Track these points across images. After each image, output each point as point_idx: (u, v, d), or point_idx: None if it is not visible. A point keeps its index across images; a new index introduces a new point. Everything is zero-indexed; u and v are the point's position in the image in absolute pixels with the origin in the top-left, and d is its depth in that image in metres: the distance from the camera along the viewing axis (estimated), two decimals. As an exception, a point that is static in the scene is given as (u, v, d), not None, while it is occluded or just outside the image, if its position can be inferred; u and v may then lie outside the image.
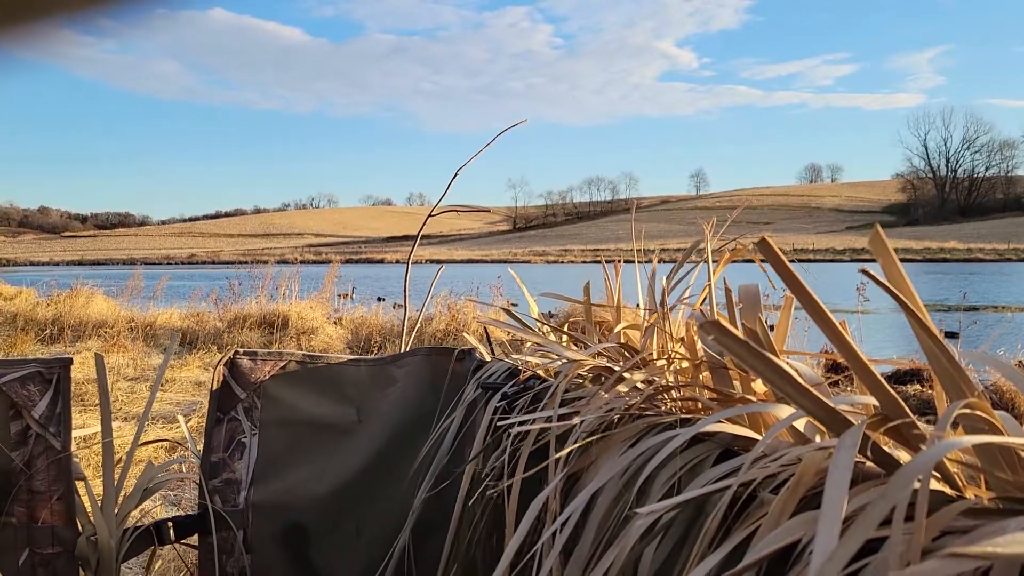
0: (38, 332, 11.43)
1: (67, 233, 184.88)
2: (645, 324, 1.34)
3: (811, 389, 0.67)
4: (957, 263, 62.31)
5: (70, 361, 1.75)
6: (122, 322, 11.85)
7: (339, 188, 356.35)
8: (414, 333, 3.80)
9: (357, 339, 11.70)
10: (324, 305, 13.27)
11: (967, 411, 0.61)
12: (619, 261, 1.61)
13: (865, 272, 0.70)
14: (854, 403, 0.77)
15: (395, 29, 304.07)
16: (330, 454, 1.95)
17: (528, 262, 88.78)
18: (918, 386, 8.24)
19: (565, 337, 1.64)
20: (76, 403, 6.60)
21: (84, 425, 5.63)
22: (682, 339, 1.19)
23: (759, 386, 1.05)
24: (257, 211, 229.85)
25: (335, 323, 12.54)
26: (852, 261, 70.87)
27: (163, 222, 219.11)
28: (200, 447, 1.93)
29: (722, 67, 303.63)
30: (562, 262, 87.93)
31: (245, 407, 1.91)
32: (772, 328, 1.08)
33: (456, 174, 2.58)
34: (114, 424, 6.17)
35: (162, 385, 8.09)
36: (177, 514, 2.03)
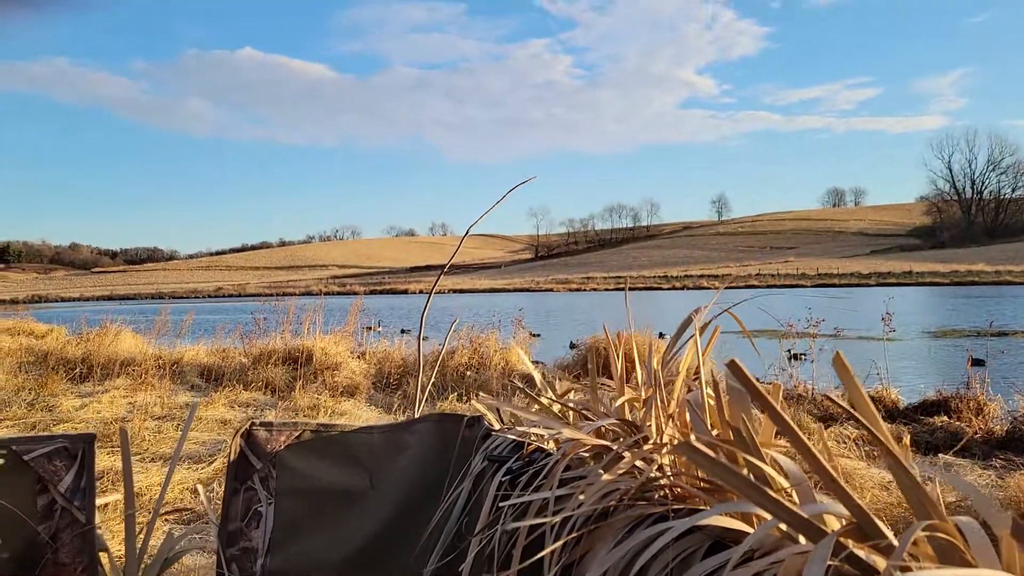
0: (68, 371, 11.57)
1: (97, 269, 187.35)
2: (643, 396, 1.37)
3: (783, 500, 0.69)
4: (986, 286, 61.50)
5: (94, 437, 1.81)
6: (149, 359, 11.98)
7: (363, 219, 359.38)
8: (435, 368, 3.83)
9: (381, 374, 11.74)
10: (348, 339, 13.34)
11: (928, 533, 0.64)
12: (620, 335, 1.62)
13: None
14: (830, 511, 0.79)
15: (418, 63, 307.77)
16: (344, 521, 1.99)
17: (551, 290, 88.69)
18: (945, 417, 8.13)
19: (572, 406, 1.67)
20: (104, 447, 6.68)
21: (111, 469, 5.70)
22: (672, 416, 1.22)
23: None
24: (283, 244, 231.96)
25: (359, 357, 12.60)
26: (878, 285, 70.12)
27: (191, 256, 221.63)
28: (218, 515, 1.97)
29: (743, 93, 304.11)
30: (585, 290, 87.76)
31: (261, 477, 1.95)
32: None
33: (467, 232, 2.64)
34: (141, 466, 6.22)
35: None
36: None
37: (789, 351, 10.83)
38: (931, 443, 7.36)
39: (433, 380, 10.66)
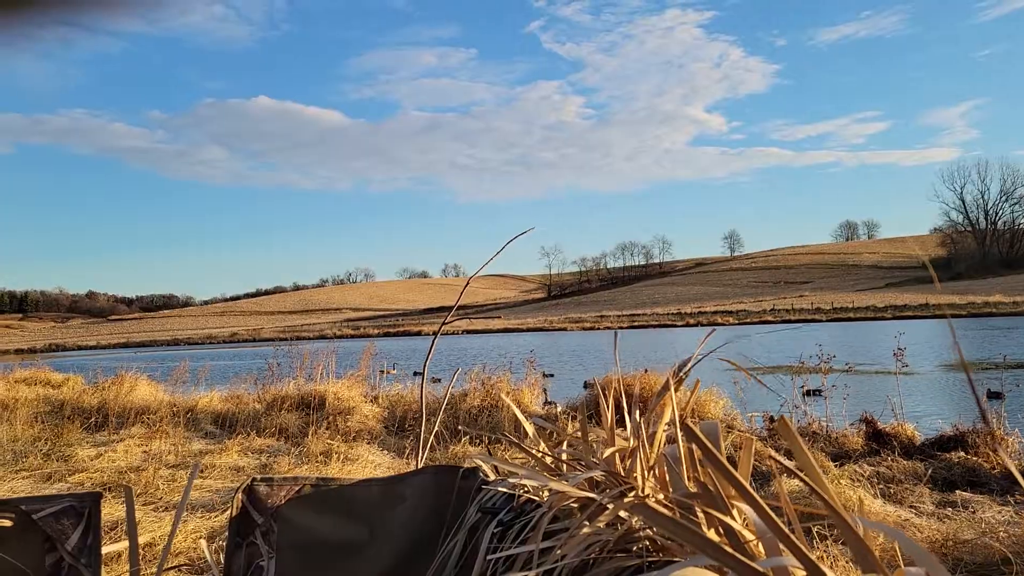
0: (84, 420, 11.64)
1: (114, 316, 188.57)
2: (630, 447, 1.40)
3: (737, 555, 0.72)
4: (1004, 317, 61.01)
5: (100, 496, 1.86)
6: (164, 407, 12.05)
7: (376, 262, 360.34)
8: (440, 413, 3.86)
9: (393, 417, 11.75)
10: (361, 383, 13.37)
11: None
12: (609, 386, 1.66)
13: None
14: (787, 564, 0.82)
15: (430, 107, 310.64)
16: (345, 574, 2.01)
17: (564, 329, 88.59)
18: (962, 453, 8.05)
19: (565, 455, 1.70)
20: (117, 498, 6.71)
21: (123, 520, 5.73)
22: (653, 469, 1.25)
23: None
24: (296, 288, 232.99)
25: (372, 401, 12.62)
26: (894, 319, 69.67)
27: (206, 302, 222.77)
28: (221, 569, 2.01)
29: (752, 130, 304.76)
30: (599, 328, 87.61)
31: (263, 531, 1.99)
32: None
33: (470, 280, 2.70)
34: (155, 515, 6.24)
35: (201, 472, 8.20)
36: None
37: (803, 387, 10.78)
38: (948, 479, 7.29)
39: (445, 423, 10.65)
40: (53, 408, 12.40)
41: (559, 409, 11.47)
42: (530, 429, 1.90)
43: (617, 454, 1.49)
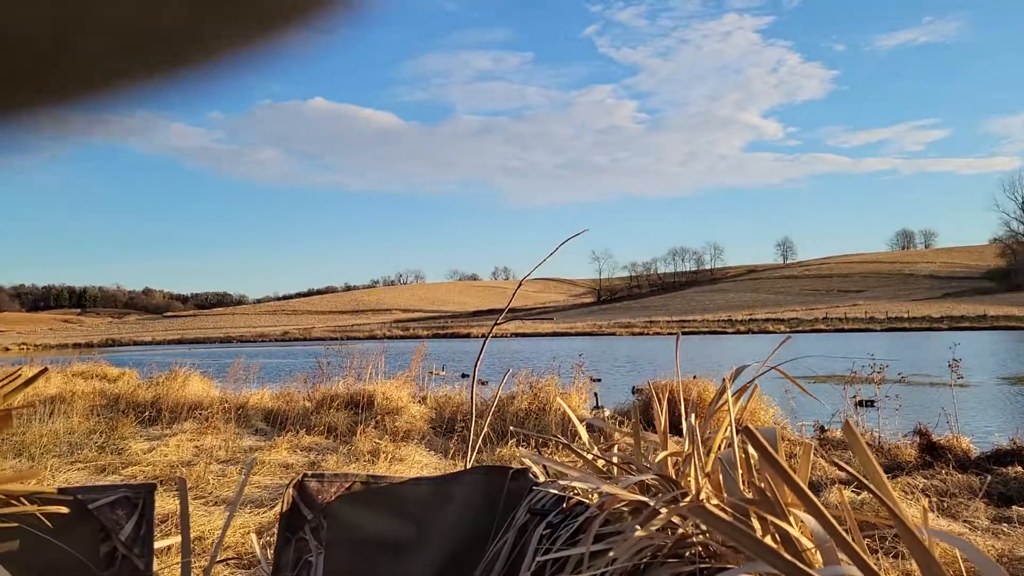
0: (138, 414, 11.89)
1: (169, 313, 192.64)
2: (685, 453, 1.38)
3: (796, 563, 0.70)
4: (1065, 329, 59.26)
5: (154, 487, 1.89)
6: (216, 404, 12.23)
7: (426, 264, 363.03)
8: (488, 416, 3.86)
9: (441, 418, 11.79)
10: (410, 383, 13.44)
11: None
12: (663, 390, 1.64)
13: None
14: (845, 574, 0.79)
15: (482, 110, 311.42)
16: (393, 572, 2.02)
17: (613, 334, 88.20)
18: (1019, 467, 7.82)
19: (616, 458, 1.68)
20: (169, 491, 6.83)
21: (175, 513, 5.83)
22: (709, 474, 1.23)
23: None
24: (348, 288, 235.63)
25: (420, 402, 12.68)
26: (951, 330, 68.02)
27: (258, 301, 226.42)
28: (271, 563, 2.03)
29: (809, 136, 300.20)
30: (648, 334, 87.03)
31: (312, 527, 2.00)
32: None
33: (521, 282, 2.69)
34: (205, 509, 6.34)
35: (251, 470, 8.30)
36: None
37: (855, 398, 10.56)
38: (1004, 494, 7.08)
39: (492, 425, 10.66)
40: (108, 402, 12.68)
41: (607, 413, 11.41)
42: (582, 431, 1.88)
43: (670, 459, 1.47)
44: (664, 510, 1.17)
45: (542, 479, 1.89)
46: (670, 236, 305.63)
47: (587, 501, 1.48)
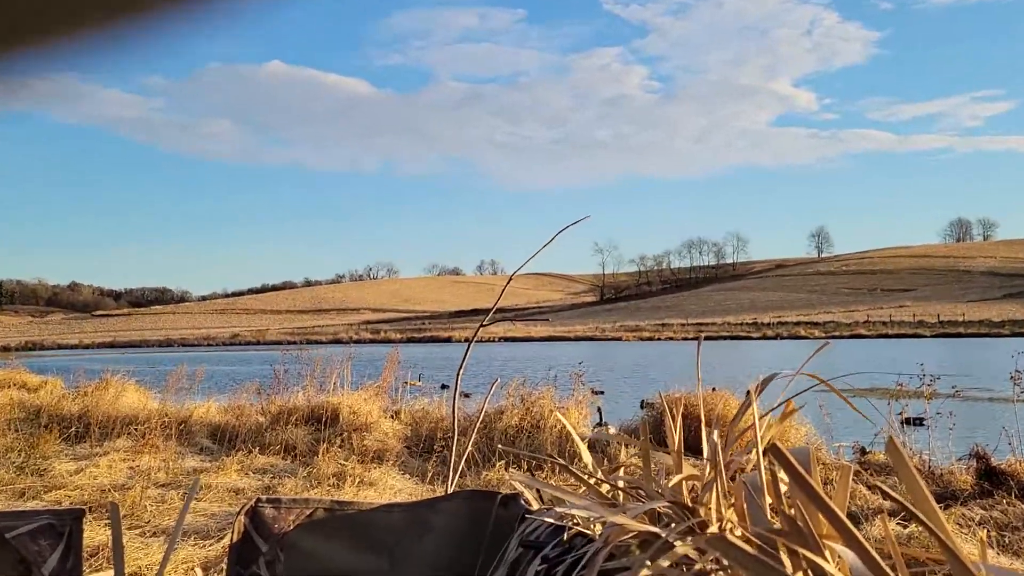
0: (63, 429, 11.85)
1: (99, 312, 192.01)
2: (706, 478, 1.39)
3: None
4: None
5: (83, 513, 1.88)
6: (154, 417, 12.21)
7: (401, 256, 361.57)
8: (472, 433, 3.87)
9: (416, 436, 11.81)
10: (381, 396, 13.46)
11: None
12: (677, 404, 1.65)
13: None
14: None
15: (469, 76, 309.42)
16: None
17: (619, 339, 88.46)
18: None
19: (623, 483, 1.69)
20: (99, 519, 6.82)
21: (106, 545, 5.82)
22: (734, 504, 1.23)
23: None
24: (308, 284, 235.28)
25: (392, 417, 12.69)
26: (1013, 336, 68.28)
27: (204, 298, 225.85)
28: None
29: (847, 108, 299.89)
30: (659, 339, 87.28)
31: (267, 560, 2.00)
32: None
33: (510, 280, 2.69)
34: (141, 541, 6.34)
35: (196, 494, 8.30)
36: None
37: (901, 414, 10.62)
38: (1074, 527, 7.14)
39: (477, 444, 10.68)
40: (28, 415, 12.64)
41: (612, 431, 11.44)
42: (583, 451, 1.89)
43: (685, 483, 1.48)
44: (679, 543, 1.17)
45: (536, 506, 1.89)
46: (685, 225, 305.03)
47: (589, 532, 1.48)
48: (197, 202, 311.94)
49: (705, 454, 1.52)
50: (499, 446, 9.41)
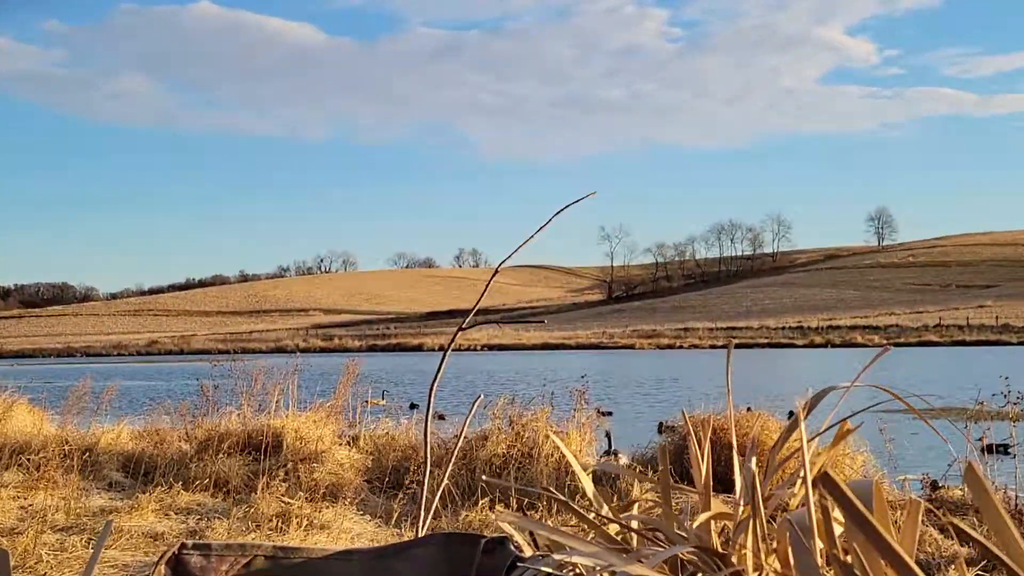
0: (-64, 460, 11.81)
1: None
2: (740, 516, 1.38)
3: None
4: None
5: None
6: (52, 445, 12.16)
7: (361, 245, 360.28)
8: (450, 464, 3.86)
9: (379, 467, 11.81)
10: (335, 418, 13.43)
11: None
12: (704, 427, 1.65)
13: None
14: None
15: (445, 22, 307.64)
16: None
17: (631, 347, 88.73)
18: None
19: (638, 523, 1.68)
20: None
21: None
22: (775, 548, 1.23)
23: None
24: (244, 278, 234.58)
25: (349, 444, 12.69)
26: (1123, 346, 68.51)
27: (114, 296, 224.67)
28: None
29: (915, 62, 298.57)
30: (681, 346, 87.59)
31: None
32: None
33: (496, 272, 2.69)
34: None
35: (105, 540, 8.26)
36: None
37: (982, 440, 10.65)
38: None
39: (455, 476, 10.67)
40: None
41: (624, 461, 11.46)
42: (587, 484, 1.88)
43: (715, 523, 1.47)
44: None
45: (529, 552, 1.88)
46: (714, 205, 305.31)
47: (596, 585, 1.47)
48: (107, 178, 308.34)
49: (738, 488, 1.52)
50: (483, 478, 9.41)
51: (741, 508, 1.39)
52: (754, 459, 1.42)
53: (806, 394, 1.68)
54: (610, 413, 21.89)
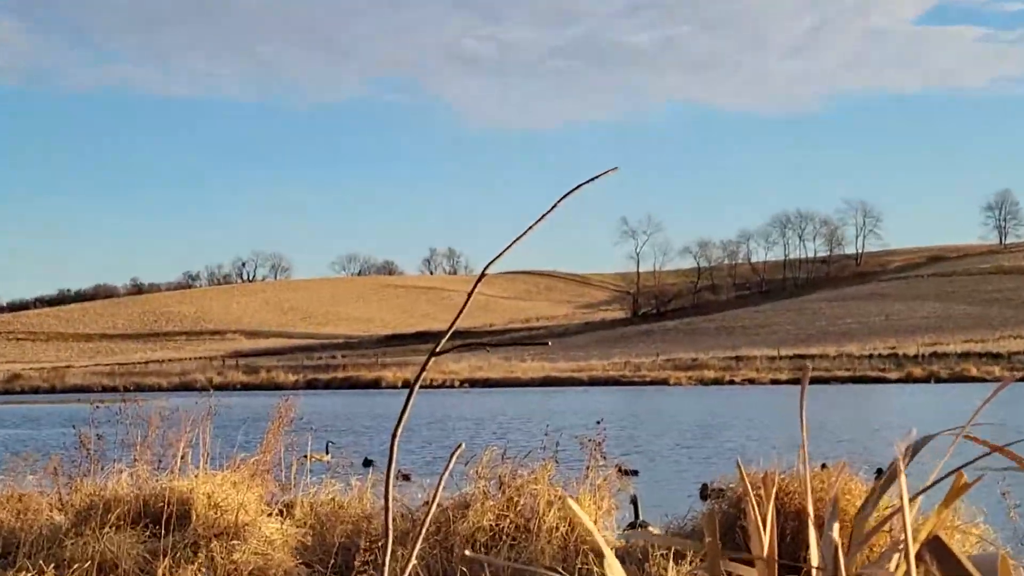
0: None
1: None
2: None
3: None
4: None
5: None
6: None
7: (296, 245, 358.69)
8: (418, 539, 3.83)
9: (322, 545, 11.82)
10: (262, 479, 13.43)
11: None
12: (765, 487, 1.67)
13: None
14: None
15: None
16: None
17: (664, 382, 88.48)
18: None
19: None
20: None
21: None
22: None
23: None
24: (138, 290, 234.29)
25: (281, 514, 12.69)
26: None
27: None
28: None
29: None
30: (732, 381, 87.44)
31: None
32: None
33: (481, 278, 2.69)
34: None
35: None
36: None
37: None
38: None
39: (427, 559, 10.66)
40: None
41: (655, 532, 11.47)
42: (612, 562, 1.87)
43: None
44: None
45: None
46: (774, 190, 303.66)
47: None
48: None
49: (814, 564, 1.52)
50: (463, 559, 9.42)
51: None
52: (836, 526, 1.42)
53: (908, 437, 1.68)
54: (635, 472, 21.91)
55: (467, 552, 9.77)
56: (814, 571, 1.47)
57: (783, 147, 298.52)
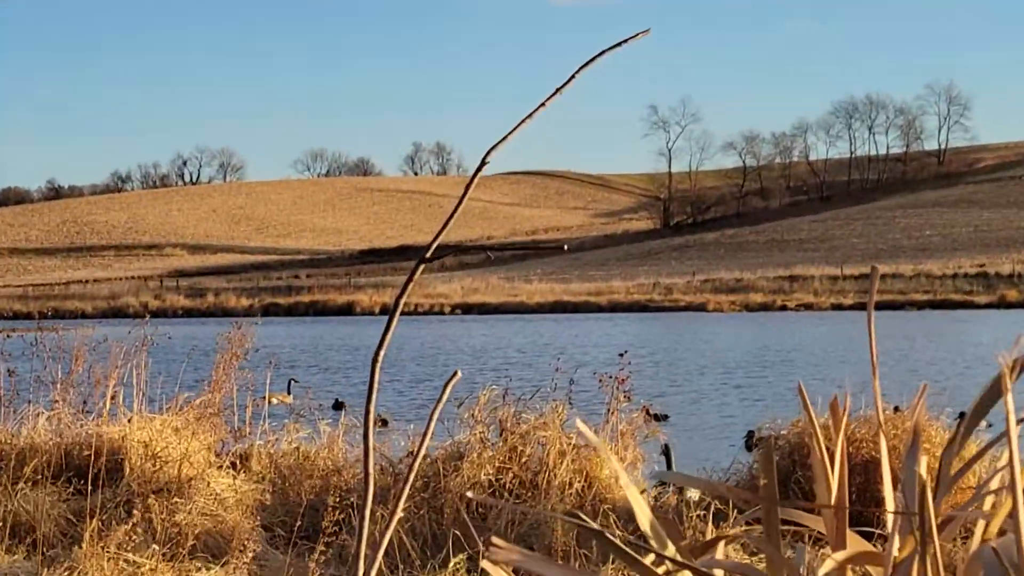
0: None
1: None
2: (895, 553, 1.39)
3: None
4: None
5: None
6: None
7: (249, 140, 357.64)
8: (403, 494, 3.84)
9: (285, 504, 11.86)
10: (211, 424, 13.47)
11: None
12: (832, 432, 1.66)
13: None
14: None
15: None
16: None
17: (702, 308, 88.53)
18: None
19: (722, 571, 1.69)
20: None
21: None
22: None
23: None
24: (56, 194, 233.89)
25: (234, 467, 12.73)
26: None
27: None
28: None
29: None
30: (784, 307, 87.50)
31: None
32: None
33: (477, 174, 2.68)
34: None
35: None
36: None
37: None
38: None
39: (412, 520, 10.71)
40: None
41: (690, 495, 11.52)
42: (643, 512, 1.87)
43: (852, 571, 1.48)
44: None
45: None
46: (836, 69, 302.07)
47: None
48: None
49: (890, 511, 1.53)
50: (467, 494, 9.46)
51: (897, 542, 1.39)
52: (923, 460, 1.43)
53: (1018, 346, 1.67)
54: (666, 417, 21.99)
55: (469, 493, 9.79)
56: (890, 517, 1.47)
57: (849, 16, 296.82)
